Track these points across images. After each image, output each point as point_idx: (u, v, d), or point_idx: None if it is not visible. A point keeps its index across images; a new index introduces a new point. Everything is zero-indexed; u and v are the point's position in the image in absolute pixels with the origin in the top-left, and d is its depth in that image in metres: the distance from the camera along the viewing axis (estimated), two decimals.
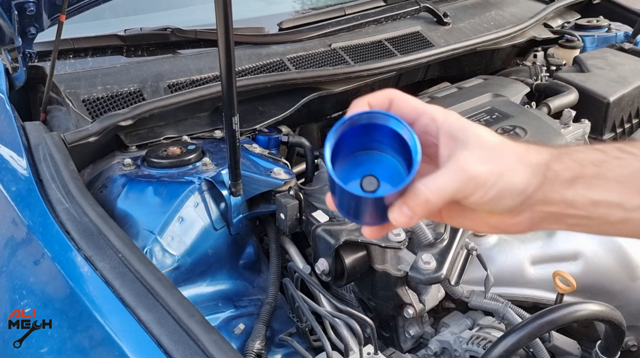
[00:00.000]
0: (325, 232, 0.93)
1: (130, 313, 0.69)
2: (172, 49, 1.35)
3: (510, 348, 0.73)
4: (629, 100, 1.54)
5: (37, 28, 1.04)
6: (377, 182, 0.43)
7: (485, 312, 0.98)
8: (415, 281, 0.90)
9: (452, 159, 0.42)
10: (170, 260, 0.92)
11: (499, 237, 1.02)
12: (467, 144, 0.43)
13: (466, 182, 0.41)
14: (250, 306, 0.97)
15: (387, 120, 0.42)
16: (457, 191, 0.42)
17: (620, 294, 0.97)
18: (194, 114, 1.20)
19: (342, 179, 0.41)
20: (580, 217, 0.43)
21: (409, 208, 0.42)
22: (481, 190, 0.42)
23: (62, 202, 0.87)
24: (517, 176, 0.42)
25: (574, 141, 1.36)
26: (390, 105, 0.45)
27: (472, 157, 0.42)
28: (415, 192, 0.42)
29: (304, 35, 1.46)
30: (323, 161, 0.50)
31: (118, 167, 1.04)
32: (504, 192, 0.42)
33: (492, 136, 0.44)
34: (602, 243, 0.98)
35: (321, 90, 1.32)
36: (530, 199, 0.43)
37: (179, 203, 0.95)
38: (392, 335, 1.02)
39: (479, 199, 0.42)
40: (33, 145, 1.00)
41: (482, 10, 1.80)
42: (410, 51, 1.50)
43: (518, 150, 0.43)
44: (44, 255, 0.84)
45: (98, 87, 1.17)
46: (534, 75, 1.67)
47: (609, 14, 2.01)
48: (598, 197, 0.42)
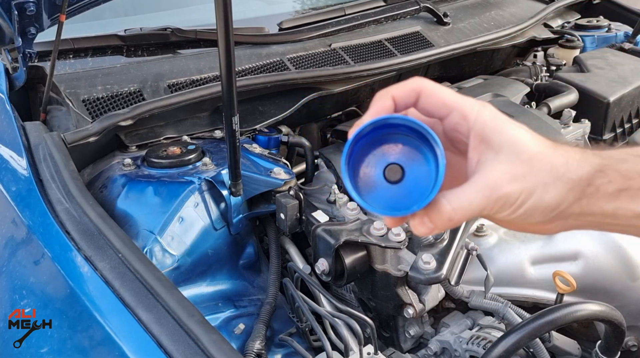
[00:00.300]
0: (325, 232, 0.93)
1: (130, 313, 0.69)
2: (172, 49, 1.35)
3: (511, 348, 0.73)
4: (629, 100, 1.54)
5: (37, 28, 1.04)
6: (401, 170, 0.40)
7: (485, 312, 0.98)
8: (415, 281, 0.89)
9: (480, 171, 0.39)
10: (170, 260, 0.92)
11: (499, 237, 1.02)
12: (499, 151, 0.39)
13: (494, 201, 0.38)
14: (250, 306, 0.97)
15: (410, 128, 0.39)
16: (483, 210, 0.39)
17: (620, 294, 0.97)
18: (194, 114, 1.20)
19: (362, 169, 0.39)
20: (619, 225, 0.41)
21: (431, 221, 0.39)
22: (508, 209, 0.39)
23: (62, 202, 0.87)
24: (551, 194, 0.38)
25: (574, 141, 1.36)
26: (418, 99, 0.41)
27: (502, 173, 0.38)
28: (439, 208, 0.39)
29: (304, 35, 1.46)
30: (342, 181, 0.47)
31: (118, 167, 1.04)
32: (534, 210, 0.39)
33: (530, 141, 0.39)
34: (602, 243, 0.98)
35: (321, 90, 1.32)
36: (564, 213, 0.40)
37: (179, 203, 0.95)
38: (392, 335, 1.02)
39: (506, 217, 0.40)
40: (33, 145, 1.00)
41: (482, 10, 1.80)
42: (410, 51, 1.50)
43: (556, 162, 0.39)
44: (44, 255, 0.84)
45: (98, 87, 1.17)
46: (534, 75, 1.67)
47: (609, 14, 2.01)
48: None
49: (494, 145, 0.39)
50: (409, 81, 0.41)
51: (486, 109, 0.40)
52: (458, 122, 0.40)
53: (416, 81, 0.41)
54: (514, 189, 0.38)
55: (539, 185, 0.38)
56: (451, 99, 0.40)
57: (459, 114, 0.40)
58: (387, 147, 0.41)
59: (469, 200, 0.38)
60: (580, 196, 0.39)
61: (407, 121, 0.39)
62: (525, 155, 0.38)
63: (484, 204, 0.38)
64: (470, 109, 0.40)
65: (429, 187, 0.39)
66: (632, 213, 0.39)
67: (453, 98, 0.40)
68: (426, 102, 0.41)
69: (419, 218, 0.39)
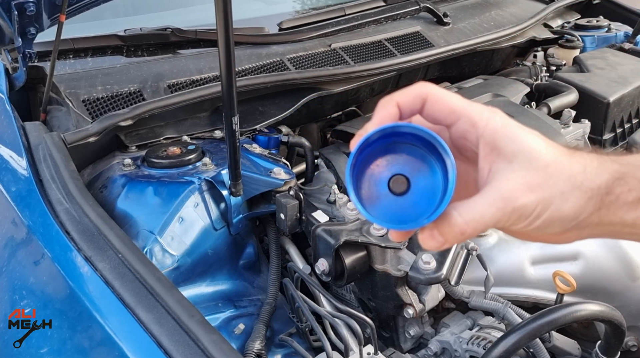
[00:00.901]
0: (325, 232, 0.93)
1: (130, 314, 0.69)
2: (172, 49, 1.35)
3: (511, 348, 0.73)
4: (629, 101, 1.54)
5: (37, 28, 1.04)
6: (406, 181, 0.38)
7: (486, 312, 0.98)
8: (415, 281, 0.89)
9: (493, 181, 0.37)
10: (170, 260, 0.92)
11: (499, 237, 1.02)
12: (512, 160, 0.36)
13: (509, 213, 0.36)
14: (250, 306, 0.97)
15: (416, 137, 0.37)
16: (497, 222, 0.36)
17: (621, 294, 0.97)
18: (194, 114, 1.20)
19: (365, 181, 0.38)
20: (638, 235, 0.39)
21: (441, 235, 0.37)
22: (525, 221, 0.37)
23: (62, 203, 0.87)
24: (569, 204, 0.36)
25: (574, 141, 1.36)
26: (423, 105, 0.39)
27: (517, 184, 0.36)
28: (450, 220, 0.36)
29: (304, 36, 1.46)
30: (348, 194, 0.44)
31: (118, 167, 1.04)
32: (552, 221, 0.37)
33: (545, 148, 0.37)
34: (602, 243, 0.98)
35: (321, 91, 1.32)
36: (582, 223, 0.37)
37: (179, 203, 0.95)
38: (392, 336, 1.02)
39: (522, 229, 0.37)
40: (33, 145, 1.00)
41: (482, 11, 1.80)
42: (410, 51, 1.50)
43: (574, 170, 0.37)
44: (44, 255, 0.83)
45: (98, 87, 1.17)
46: (534, 75, 1.67)
47: (608, 14, 2.01)
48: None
49: (507, 154, 0.37)
50: (413, 87, 0.40)
51: (496, 116, 0.38)
52: (466, 129, 0.38)
53: (421, 87, 0.39)
54: (530, 200, 0.36)
55: (557, 195, 0.36)
56: (459, 105, 0.38)
57: (468, 121, 0.38)
58: (390, 157, 0.39)
59: (482, 212, 0.36)
60: (599, 206, 0.37)
61: (417, 130, 0.37)
62: (540, 164, 0.36)
63: (498, 217, 0.36)
64: (480, 115, 0.38)
65: (435, 199, 0.37)
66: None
67: (461, 104, 0.39)
68: (432, 109, 0.39)
69: (428, 232, 0.37)
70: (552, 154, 0.37)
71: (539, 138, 0.38)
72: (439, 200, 0.37)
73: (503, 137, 0.37)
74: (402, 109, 0.39)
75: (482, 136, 0.38)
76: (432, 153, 0.38)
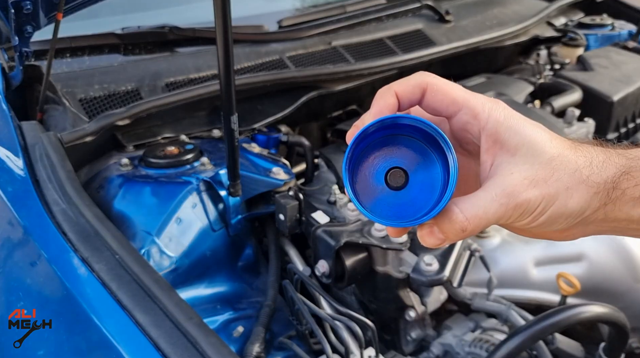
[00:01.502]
0: (326, 233, 0.92)
1: (127, 316, 0.68)
2: (170, 47, 1.34)
3: (514, 350, 0.72)
4: (633, 99, 1.53)
5: (34, 26, 1.03)
6: (404, 174, 0.37)
7: (488, 314, 0.97)
8: (417, 283, 0.89)
9: (496, 176, 0.35)
10: (168, 262, 0.91)
11: (502, 238, 1.01)
12: (515, 154, 0.35)
13: (512, 209, 0.35)
14: (249, 308, 0.96)
15: (415, 129, 0.36)
16: (500, 218, 0.35)
17: (624, 296, 0.97)
18: (192, 113, 1.19)
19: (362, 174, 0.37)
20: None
21: (442, 232, 0.35)
22: (529, 217, 0.35)
23: (59, 203, 0.86)
24: (574, 199, 0.35)
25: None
26: (423, 96, 0.38)
27: (521, 179, 0.35)
28: (450, 217, 0.35)
29: (304, 33, 1.45)
30: (345, 190, 0.43)
31: (115, 167, 1.03)
32: (557, 217, 0.35)
33: (549, 141, 0.36)
34: (606, 245, 0.98)
35: (321, 89, 1.31)
36: (587, 219, 0.36)
37: (177, 204, 0.94)
38: (393, 338, 1.01)
39: (525, 225, 0.36)
40: (29, 145, 0.99)
41: (485, 8, 1.79)
42: (411, 49, 1.48)
43: (579, 164, 0.35)
44: (40, 256, 0.83)
45: (95, 86, 1.16)
46: (538, 74, 1.66)
47: (612, 12, 2.00)
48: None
49: (510, 147, 0.35)
50: (413, 76, 0.38)
51: (499, 107, 0.37)
52: (468, 121, 0.37)
53: (421, 76, 0.38)
54: (534, 195, 0.35)
55: (562, 190, 0.35)
56: (460, 96, 0.37)
57: (469, 113, 0.37)
58: (388, 150, 0.38)
59: (485, 208, 0.35)
60: (605, 201, 0.35)
61: (417, 121, 0.35)
62: (544, 157, 0.35)
63: (501, 213, 0.35)
64: (482, 106, 0.36)
65: (435, 194, 0.36)
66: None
67: (462, 95, 0.37)
68: (433, 99, 0.38)
69: (428, 229, 0.36)
70: (557, 147, 0.36)
71: (543, 130, 0.36)
72: (439, 195, 0.36)
73: (506, 129, 0.36)
74: (401, 99, 0.38)
75: (484, 128, 0.36)
76: (432, 146, 0.37)
